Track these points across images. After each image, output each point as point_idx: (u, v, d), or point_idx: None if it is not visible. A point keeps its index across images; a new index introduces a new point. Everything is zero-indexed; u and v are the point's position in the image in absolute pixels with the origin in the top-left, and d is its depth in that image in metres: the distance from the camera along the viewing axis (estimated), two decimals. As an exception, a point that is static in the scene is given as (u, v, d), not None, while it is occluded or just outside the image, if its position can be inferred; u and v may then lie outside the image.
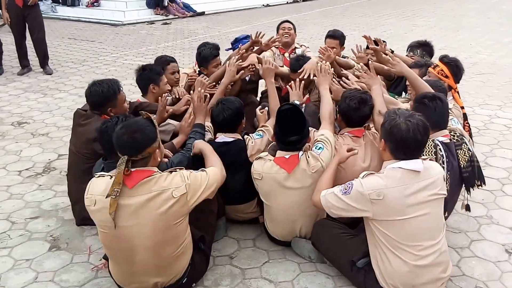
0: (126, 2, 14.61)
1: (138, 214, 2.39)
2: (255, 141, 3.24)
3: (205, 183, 2.57)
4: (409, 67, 4.10)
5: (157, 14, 14.90)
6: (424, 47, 4.75)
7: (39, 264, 3.09)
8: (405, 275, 2.48)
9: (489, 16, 14.87)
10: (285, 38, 4.97)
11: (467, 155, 3.04)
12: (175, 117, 3.76)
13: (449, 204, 3.03)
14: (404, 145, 2.46)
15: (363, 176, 2.54)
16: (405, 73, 3.38)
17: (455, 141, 3.03)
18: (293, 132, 2.93)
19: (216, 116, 3.23)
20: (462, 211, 3.31)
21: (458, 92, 3.93)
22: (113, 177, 2.36)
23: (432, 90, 3.24)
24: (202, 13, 15.79)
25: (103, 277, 2.93)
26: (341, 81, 3.66)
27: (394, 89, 4.58)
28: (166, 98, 3.60)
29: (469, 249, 3.20)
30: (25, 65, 8.03)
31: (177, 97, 4.04)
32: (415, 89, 3.30)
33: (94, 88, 3.30)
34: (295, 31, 5.15)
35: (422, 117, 2.53)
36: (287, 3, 19.35)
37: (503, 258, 3.10)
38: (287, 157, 2.96)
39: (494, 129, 5.39)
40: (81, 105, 6.18)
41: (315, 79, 3.67)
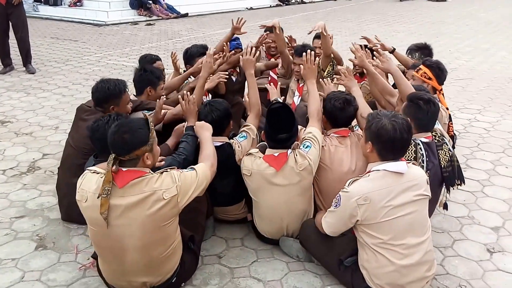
0: (109, 2, 14.52)
1: (128, 215, 2.37)
2: (241, 144, 3.24)
3: (195, 183, 2.56)
4: (408, 68, 4.23)
5: (140, 15, 14.84)
6: (423, 50, 4.84)
7: (25, 263, 3.05)
8: (391, 274, 2.51)
9: (467, 23, 15.18)
10: (272, 51, 5.06)
11: (448, 155, 3.09)
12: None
13: (432, 205, 3.06)
14: (392, 145, 2.49)
15: (348, 184, 2.55)
16: (391, 71, 3.42)
17: (436, 141, 3.07)
18: (282, 130, 2.98)
19: (205, 117, 3.22)
20: (444, 211, 3.38)
21: (443, 94, 4.02)
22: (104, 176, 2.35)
23: (413, 89, 3.29)
24: (186, 15, 15.76)
25: (91, 277, 2.90)
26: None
27: None
28: (163, 99, 3.61)
29: (452, 249, 3.26)
30: (7, 64, 7.90)
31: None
32: (399, 88, 3.35)
33: (101, 84, 3.36)
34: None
35: (404, 117, 2.58)
36: (270, 6, 19.46)
37: (485, 257, 3.16)
38: (276, 154, 2.99)
39: (474, 132, 5.50)
40: (65, 104, 6.22)
41: (302, 71, 3.64)
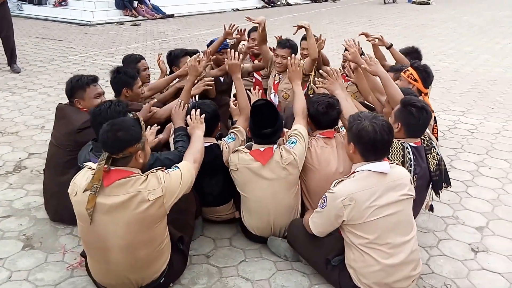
0: (94, 2, 14.50)
1: (112, 214, 2.36)
2: (229, 145, 3.26)
3: (180, 182, 2.55)
4: (387, 71, 4.24)
5: (126, 15, 14.84)
6: (412, 54, 4.89)
7: (12, 263, 3.03)
8: (378, 273, 2.53)
9: (451, 26, 15.38)
10: (255, 50, 5.06)
11: (436, 159, 3.12)
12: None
13: (417, 206, 3.12)
14: (373, 146, 2.52)
15: (334, 185, 2.57)
16: (379, 73, 3.44)
17: (425, 145, 3.10)
18: (266, 125, 3.02)
19: None
20: (429, 212, 3.41)
21: (428, 96, 4.07)
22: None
23: (401, 93, 3.33)
24: (172, 16, 15.78)
25: (78, 276, 2.89)
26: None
27: None
28: (153, 101, 3.62)
29: (437, 248, 3.30)
30: None
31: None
32: (386, 90, 3.39)
33: (70, 78, 3.45)
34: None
35: (384, 118, 2.61)
36: (256, 8, 19.54)
37: (469, 257, 3.21)
38: (262, 149, 3.04)
39: (458, 134, 5.58)
40: (50, 104, 6.17)
41: (288, 74, 3.72)
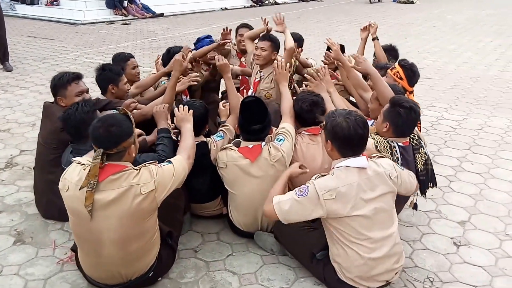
0: (85, 1, 14.59)
1: (107, 209, 2.38)
2: (217, 144, 3.28)
3: (172, 176, 2.57)
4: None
5: (116, 15, 14.91)
6: (389, 52, 4.97)
7: (3, 258, 3.04)
8: (361, 267, 2.58)
9: (435, 25, 15.55)
10: (242, 46, 5.04)
11: (423, 158, 3.16)
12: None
13: (401, 203, 3.16)
14: (348, 141, 2.55)
15: (315, 178, 2.59)
16: (368, 71, 3.48)
17: (413, 144, 3.13)
18: (255, 121, 3.06)
19: None
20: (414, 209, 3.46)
21: (413, 95, 4.13)
22: (87, 168, 2.36)
23: (390, 90, 3.38)
24: (161, 15, 15.86)
25: (68, 271, 2.91)
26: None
27: None
28: (132, 101, 3.63)
29: (420, 242, 3.34)
30: None
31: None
32: (376, 88, 3.41)
33: (54, 76, 3.43)
34: None
35: (358, 113, 2.64)
36: (244, 7, 19.62)
37: (451, 250, 3.26)
38: (250, 146, 3.07)
39: (441, 130, 5.67)
40: (42, 102, 5.97)
41: (275, 77, 3.77)
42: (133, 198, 2.39)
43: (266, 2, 20.88)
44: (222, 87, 5.06)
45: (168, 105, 3.39)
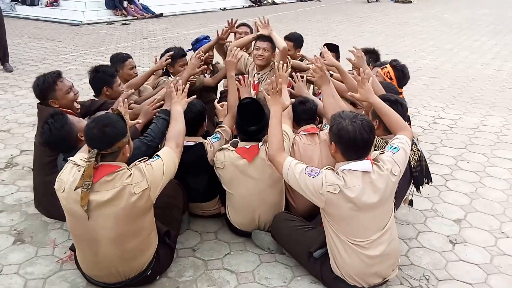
0: (85, 2, 14.64)
1: (102, 209, 2.39)
2: (213, 145, 3.29)
3: (162, 171, 2.55)
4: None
5: (116, 15, 14.98)
6: (370, 54, 4.97)
7: (3, 257, 3.06)
8: (357, 265, 2.60)
9: (432, 24, 15.58)
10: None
11: (417, 155, 3.17)
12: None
13: (397, 200, 3.17)
14: (353, 145, 2.52)
15: (326, 168, 2.59)
16: (363, 66, 3.46)
17: None
18: (252, 122, 3.07)
19: None
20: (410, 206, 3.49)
21: (402, 95, 4.14)
22: (82, 169, 2.38)
23: (382, 88, 3.40)
24: (161, 15, 15.91)
25: (67, 270, 2.93)
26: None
27: None
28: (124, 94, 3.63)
29: (416, 240, 3.36)
30: None
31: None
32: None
33: (34, 82, 3.38)
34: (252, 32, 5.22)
35: (365, 117, 2.62)
36: (243, 7, 19.69)
37: (447, 248, 3.28)
38: (247, 147, 3.09)
39: (437, 129, 5.69)
40: None
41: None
42: (127, 198, 2.40)
43: (265, 2, 20.96)
44: (220, 87, 5.07)
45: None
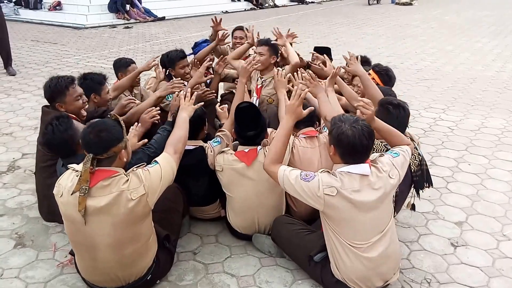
0: (88, 6, 14.79)
1: (99, 215, 2.39)
2: (214, 149, 3.29)
3: (160, 177, 2.54)
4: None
5: (118, 18, 15.11)
6: (363, 64, 4.93)
7: (4, 261, 3.07)
8: (358, 268, 2.59)
9: (432, 26, 15.60)
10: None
11: (417, 159, 3.17)
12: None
13: (398, 204, 3.17)
14: (352, 150, 2.52)
15: (321, 171, 2.60)
16: (359, 73, 3.50)
17: None
18: (250, 127, 3.09)
19: None
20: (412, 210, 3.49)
21: None
22: (79, 175, 2.37)
23: (380, 92, 3.39)
24: (163, 18, 16.04)
25: (68, 274, 2.93)
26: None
27: None
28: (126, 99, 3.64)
29: (417, 243, 3.35)
30: None
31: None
32: (366, 90, 3.43)
33: (46, 83, 3.38)
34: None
35: (365, 123, 2.61)
36: (245, 10, 19.90)
37: (449, 251, 3.27)
38: (246, 150, 3.10)
39: (438, 131, 5.68)
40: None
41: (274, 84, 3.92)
42: (124, 204, 2.39)
43: (266, 5, 21.07)
44: (221, 90, 5.08)
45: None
